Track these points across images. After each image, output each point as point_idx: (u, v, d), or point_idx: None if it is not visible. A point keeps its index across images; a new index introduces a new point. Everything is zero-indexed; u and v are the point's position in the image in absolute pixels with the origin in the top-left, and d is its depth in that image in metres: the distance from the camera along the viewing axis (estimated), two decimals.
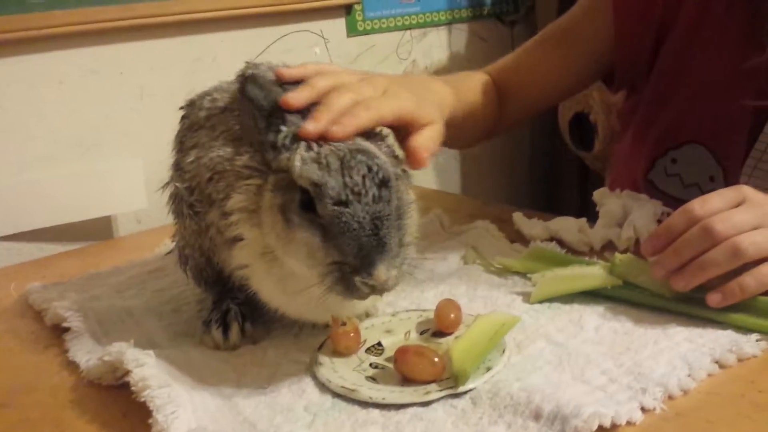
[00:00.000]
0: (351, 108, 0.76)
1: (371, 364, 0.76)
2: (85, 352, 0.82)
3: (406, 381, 0.71)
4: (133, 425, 0.69)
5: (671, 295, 0.81)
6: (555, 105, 1.44)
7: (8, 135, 1.44)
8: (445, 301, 0.82)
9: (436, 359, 0.70)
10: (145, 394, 0.67)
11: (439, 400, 0.68)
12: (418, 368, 0.70)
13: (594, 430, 0.60)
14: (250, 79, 0.74)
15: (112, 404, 0.74)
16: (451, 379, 0.70)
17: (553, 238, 1.06)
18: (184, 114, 0.90)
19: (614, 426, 0.62)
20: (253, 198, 0.74)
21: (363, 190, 0.67)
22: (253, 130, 0.74)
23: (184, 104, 0.90)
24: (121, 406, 0.72)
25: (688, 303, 0.80)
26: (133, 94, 1.58)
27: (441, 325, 0.81)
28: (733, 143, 1.05)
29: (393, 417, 0.66)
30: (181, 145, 0.88)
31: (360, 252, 0.66)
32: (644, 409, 0.64)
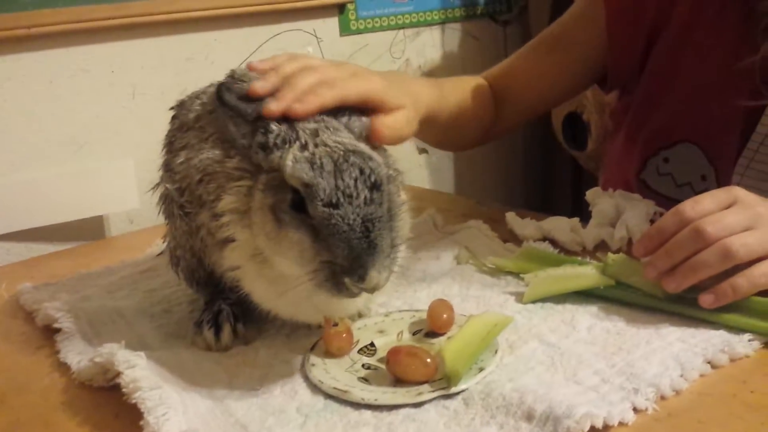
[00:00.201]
0: (314, 87, 0.77)
1: (364, 365, 0.75)
2: (77, 354, 0.82)
3: (398, 382, 0.71)
4: (125, 427, 0.68)
5: (664, 296, 0.81)
6: (550, 109, 1.45)
7: None
8: (437, 301, 0.82)
9: (429, 360, 0.70)
10: (136, 396, 0.67)
11: (431, 400, 0.68)
12: (411, 369, 0.70)
13: (586, 431, 0.60)
14: (224, 88, 0.75)
15: (104, 406, 0.73)
16: (443, 379, 0.69)
17: (545, 238, 1.06)
18: (174, 114, 0.89)
19: (606, 427, 0.62)
20: (244, 199, 0.74)
21: (354, 193, 0.67)
22: (236, 136, 0.74)
23: (174, 105, 0.90)
24: (113, 407, 0.72)
25: (681, 303, 0.80)
26: (124, 93, 1.57)
27: (433, 325, 0.81)
28: (726, 143, 1.05)
29: (385, 418, 0.66)
30: (170, 145, 0.87)
31: (350, 254, 0.66)
32: (636, 410, 0.64)
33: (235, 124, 0.74)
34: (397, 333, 0.81)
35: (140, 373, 0.69)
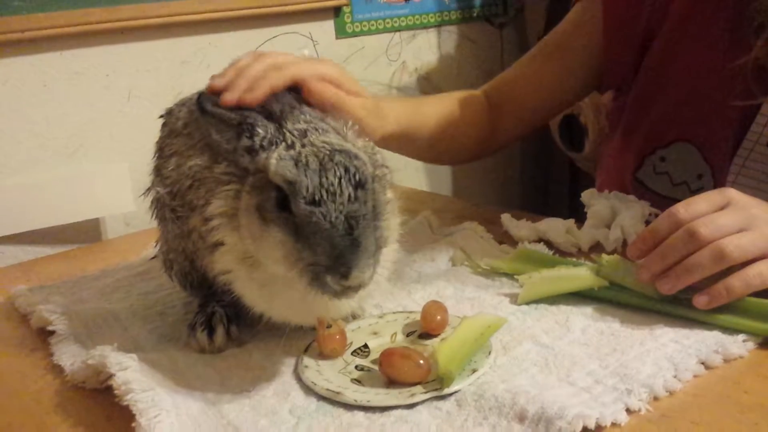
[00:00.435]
0: (265, 72, 0.80)
1: (357, 367, 0.75)
2: (70, 356, 0.82)
3: (391, 383, 0.71)
4: (117, 429, 0.68)
5: (658, 297, 0.81)
6: (550, 119, 1.44)
7: None
8: (431, 302, 0.82)
9: (422, 361, 0.70)
10: (128, 398, 0.67)
11: (424, 402, 0.68)
12: (404, 370, 0.70)
13: None
14: (204, 97, 0.76)
15: (97, 408, 0.73)
16: (436, 381, 0.69)
17: (541, 240, 1.06)
18: (164, 122, 0.90)
19: (599, 428, 0.62)
20: (232, 203, 0.74)
21: (338, 190, 0.67)
22: (222, 143, 0.75)
23: (163, 113, 0.91)
24: (106, 409, 0.72)
25: (675, 304, 0.80)
26: (119, 96, 1.57)
27: (427, 326, 0.81)
28: (721, 142, 1.05)
29: (378, 420, 0.66)
30: (161, 151, 0.88)
31: (333, 251, 0.66)
32: (629, 411, 0.64)
33: (218, 131, 0.75)
34: (391, 334, 0.81)
35: (132, 375, 0.69)
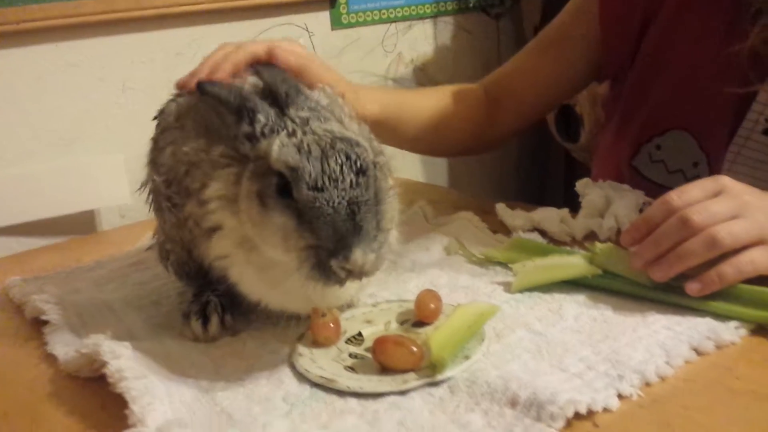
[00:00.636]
0: (227, 55, 0.85)
1: (350, 354, 0.75)
2: (64, 345, 0.82)
3: (384, 370, 0.71)
4: (111, 417, 0.68)
5: (651, 284, 0.81)
6: (549, 111, 1.44)
7: None
8: (425, 291, 0.82)
9: (415, 348, 0.70)
10: (121, 386, 0.67)
11: (417, 388, 0.68)
12: (397, 357, 0.70)
13: (570, 417, 0.61)
14: (207, 82, 0.76)
15: (90, 396, 0.73)
16: (429, 368, 0.69)
17: (535, 229, 1.06)
18: (157, 122, 0.91)
19: (590, 413, 0.62)
20: (231, 187, 0.74)
21: (340, 177, 0.68)
22: (222, 126, 0.75)
23: (156, 114, 0.91)
24: (99, 398, 0.72)
25: (668, 291, 0.80)
26: (114, 88, 1.57)
27: (421, 315, 0.81)
28: (717, 129, 1.05)
29: (370, 406, 0.66)
30: (155, 143, 0.89)
31: (335, 236, 0.66)
32: (621, 396, 0.64)
33: (219, 114, 0.75)
34: (385, 323, 0.81)
35: (125, 364, 0.70)
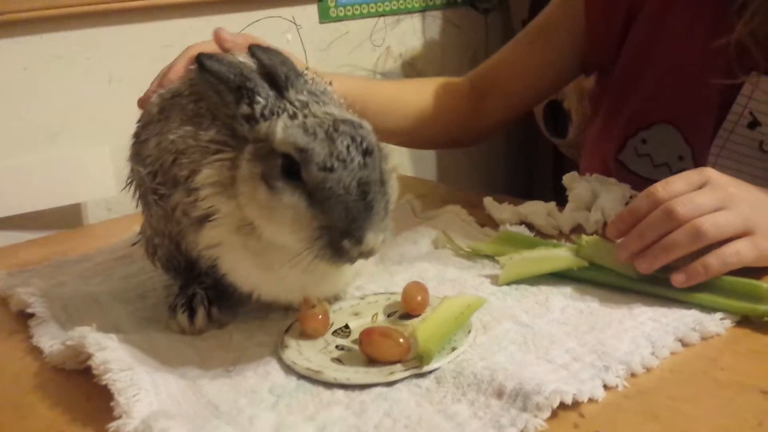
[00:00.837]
0: (174, 62, 0.92)
1: (337, 346, 0.75)
2: (49, 338, 0.81)
3: (371, 362, 0.71)
4: (96, 409, 0.68)
5: (636, 276, 0.81)
6: (537, 103, 1.44)
7: None
8: (412, 283, 0.82)
9: (401, 340, 0.70)
10: (106, 378, 0.67)
11: (403, 380, 0.68)
12: (383, 349, 0.70)
13: (555, 407, 0.61)
14: (206, 56, 0.74)
15: (76, 388, 0.73)
16: (416, 359, 0.70)
17: (522, 222, 1.06)
18: (139, 117, 0.89)
19: (576, 403, 0.62)
20: (227, 172, 0.73)
21: (348, 158, 0.68)
22: (220, 105, 0.74)
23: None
24: (85, 390, 0.72)
25: (653, 283, 0.81)
26: (101, 80, 1.56)
27: (408, 307, 0.81)
28: (702, 123, 1.05)
29: (357, 397, 0.66)
30: (137, 137, 0.87)
31: (348, 215, 0.67)
32: (607, 387, 0.64)
33: (218, 92, 0.74)
34: (372, 315, 0.81)
35: (111, 355, 0.69)
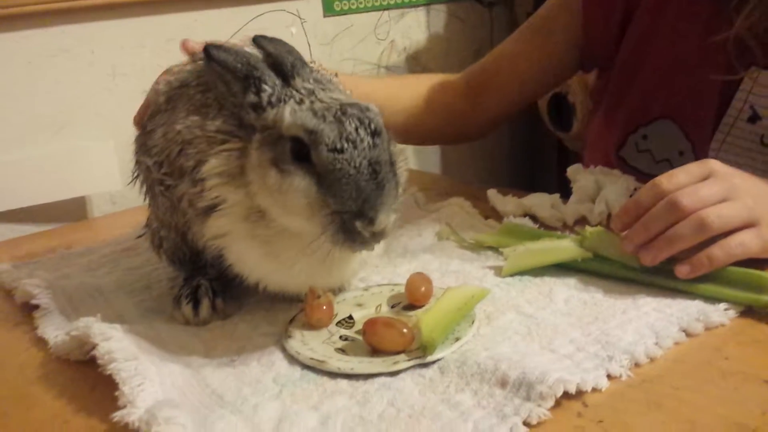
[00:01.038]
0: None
1: (341, 337, 0.75)
2: (54, 329, 0.82)
3: (375, 352, 0.71)
4: (101, 399, 0.68)
5: (641, 267, 0.81)
6: (535, 99, 1.43)
7: None
8: (416, 274, 0.82)
9: (405, 330, 0.70)
10: (111, 367, 0.67)
11: (407, 369, 0.68)
12: (387, 339, 0.70)
13: (559, 397, 0.61)
14: (214, 46, 0.75)
15: (81, 379, 0.73)
16: (419, 349, 0.70)
17: (527, 214, 1.06)
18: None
19: (580, 392, 0.62)
20: (234, 162, 0.73)
21: (358, 138, 0.68)
22: (227, 95, 0.74)
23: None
24: (90, 380, 0.72)
25: (658, 274, 0.80)
26: (105, 73, 1.56)
27: (411, 298, 0.81)
28: (702, 118, 1.05)
29: (361, 387, 0.66)
30: (144, 128, 0.87)
31: (359, 195, 0.67)
32: (610, 377, 0.64)
33: (225, 82, 0.74)
34: (376, 306, 0.81)
35: (115, 345, 0.69)
